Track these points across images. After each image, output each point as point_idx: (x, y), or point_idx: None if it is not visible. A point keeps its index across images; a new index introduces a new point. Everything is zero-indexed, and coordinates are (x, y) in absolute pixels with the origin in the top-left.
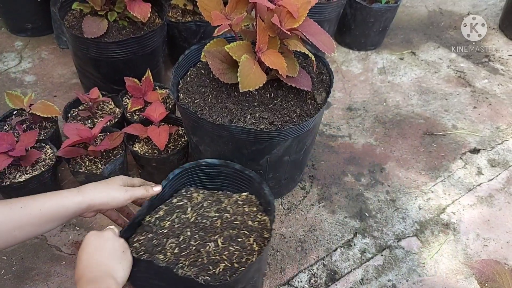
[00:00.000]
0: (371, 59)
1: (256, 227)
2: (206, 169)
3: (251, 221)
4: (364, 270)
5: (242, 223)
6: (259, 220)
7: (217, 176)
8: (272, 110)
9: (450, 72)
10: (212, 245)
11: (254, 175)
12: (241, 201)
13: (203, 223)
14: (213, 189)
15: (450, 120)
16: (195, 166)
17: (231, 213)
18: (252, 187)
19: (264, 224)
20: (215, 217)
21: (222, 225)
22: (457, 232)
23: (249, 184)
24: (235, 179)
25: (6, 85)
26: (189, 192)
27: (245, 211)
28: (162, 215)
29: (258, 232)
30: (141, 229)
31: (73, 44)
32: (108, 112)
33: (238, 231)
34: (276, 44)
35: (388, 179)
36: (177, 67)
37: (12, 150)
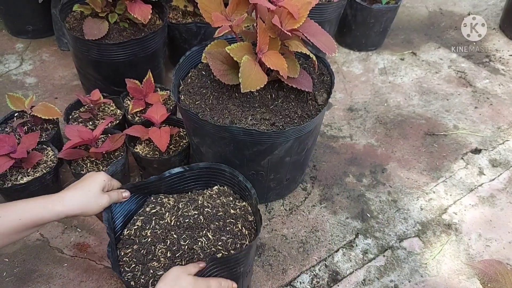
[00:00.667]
0: (372, 60)
1: (239, 213)
2: (169, 180)
3: (232, 209)
4: (366, 271)
5: (224, 213)
6: (239, 206)
7: (182, 183)
8: (273, 111)
9: (451, 72)
10: (203, 240)
11: (224, 166)
12: (215, 194)
13: (186, 223)
14: (181, 192)
15: (451, 121)
16: (158, 179)
17: (211, 207)
18: (223, 179)
19: (245, 209)
20: (196, 215)
21: (206, 220)
22: (459, 232)
23: (219, 177)
24: (202, 177)
25: (7, 87)
26: (159, 198)
27: (223, 202)
28: (140, 225)
29: (242, 217)
30: (122, 244)
31: (74, 46)
32: (109, 113)
33: (223, 221)
34: (277, 45)
35: (389, 180)
36: (178, 69)
37: (13, 152)
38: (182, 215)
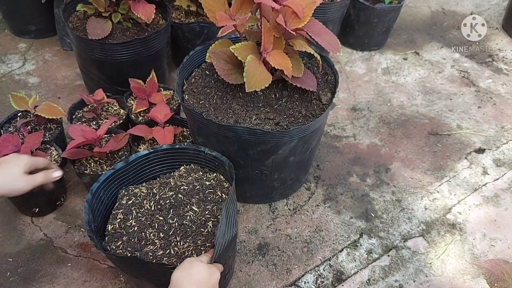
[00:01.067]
0: (374, 60)
1: (214, 183)
2: (137, 164)
3: (207, 181)
4: (371, 271)
5: (201, 186)
6: (212, 178)
7: (149, 167)
8: (277, 111)
9: (454, 72)
10: (190, 213)
11: (186, 145)
12: (184, 173)
13: (168, 204)
14: (148, 180)
15: (454, 120)
16: (126, 165)
17: (185, 184)
18: (187, 158)
19: (218, 179)
20: (173, 195)
21: (186, 196)
22: (464, 232)
23: (183, 157)
24: (168, 160)
25: (10, 87)
26: (130, 190)
27: (196, 178)
28: (122, 218)
29: (219, 186)
30: (110, 238)
31: (78, 45)
32: (113, 113)
33: (203, 193)
34: (281, 44)
35: (393, 180)
36: (182, 68)
37: (17, 152)
38: (161, 198)
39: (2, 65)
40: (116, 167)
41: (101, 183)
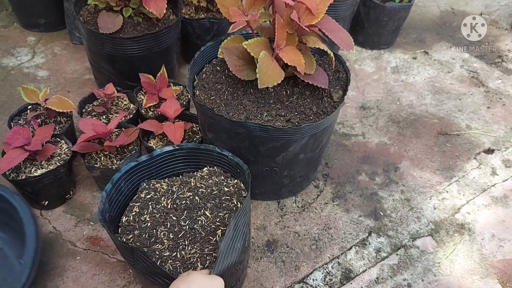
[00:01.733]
0: (384, 58)
1: (233, 190)
2: (160, 159)
3: (225, 187)
4: (379, 269)
5: (219, 191)
6: (231, 184)
7: (172, 163)
8: (288, 108)
9: (463, 72)
10: (202, 218)
11: (211, 147)
12: (206, 175)
13: (183, 204)
14: (170, 176)
15: (464, 120)
16: (149, 158)
17: (204, 187)
18: (211, 160)
19: (238, 186)
20: (191, 196)
21: (202, 199)
22: (472, 232)
23: (208, 158)
24: (191, 158)
25: (19, 80)
26: (151, 184)
27: (216, 181)
28: (138, 211)
29: (236, 193)
30: (122, 231)
31: (88, 39)
32: (123, 108)
33: (219, 199)
34: (294, 40)
35: (402, 179)
36: (193, 64)
37: (28, 145)
38: (178, 197)
39: (12, 58)
40: (140, 160)
41: (123, 173)
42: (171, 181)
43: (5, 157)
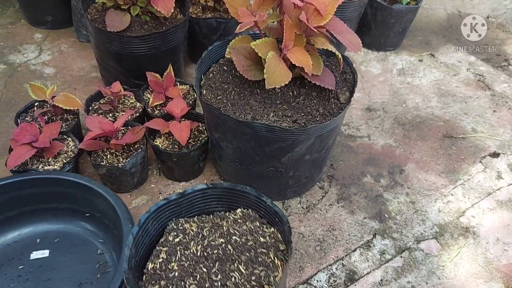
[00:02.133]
0: (390, 60)
1: (270, 241)
2: (191, 198)
3: (261, 237)
4: (384, 271)
5: (254, 242)
6: (268, 233)
7: (203, 201)
8: (295, 108)
9: (469, 75)
10: (236, 274)
11: (249, 189)
12: (240, 218)
13: (215, 254)
14: (200, 214)
15: (469, 123)
16: (180, 197)
17: (238, 234)
18: (247, 202)
19: (275, 236)
20: (223, 244)
21: (236, 250)
22: (477, 236)
23: (242, 199)
24: (225, 198)
25: (26, 76)
26: (179, 224)
27: (251, 228)
28: (165, 258)
29: (273, 246)
30: (148, 279)
31: (96, 37)
32: (129, 106)
33: (254, 252)
34: (302, 41)
35: (407, 181)
36: (200, 63)
37: (35, 141)
38: (209, 244)
39: (18, 54)
40: (170, 198)
41: (152, 213)
42: (201, 221)
43: (13, 153)
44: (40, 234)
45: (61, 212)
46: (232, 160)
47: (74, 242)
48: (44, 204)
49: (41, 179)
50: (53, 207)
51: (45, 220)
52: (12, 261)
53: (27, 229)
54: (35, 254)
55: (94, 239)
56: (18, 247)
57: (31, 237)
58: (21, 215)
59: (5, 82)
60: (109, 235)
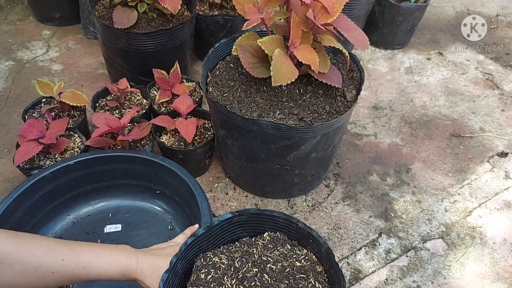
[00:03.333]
0: (397, 58)
1: (306, 264)
2: (218, 229)
3: (297, 261)
4: (389, 270)
5: (291, 268)
6: (302, 256)
7: (229, 230)
8: (301, 106)
9: (477, 74)
10: None
11: (277, 213)
12: (269, 243)
13: (252, 287)
14: (226, 243)
15: (477, 123)
16: (208, 231)
17: (272, 261)
18: (275, 225)
19: (310, 258)
20: (258, 273)
21: (273, 279)
22: (484, 236)
23: (270, 223)
24: (252, 224)
25: (34, 73)
26: (208, 259)
27: (284, 253)
28: None
29: (311, 270)
30: None
31: (103, 34)
32: (136, 103)
33: (293, 278)
34: (309, 39)
35: (414, 180)
36: (207, 60)
37: (42, 138)
38: (244, 277)
39: (26, 51)
40: (198, 234)
41: (182, 253)
42: (230, 251)
43: (20, 149)
44: (112, 209)
45: (132, 188)
46: (238, 158)
47: (144, 217)
48: (116, 180)
49: (116, 156)
50: (124, 183)
51: (117, 196)
52: (88, 234)
53: (99, 204)
54: (109, 228)
55: (165, 215)
56: (92, 221)
57: (103, 211)
58: (94, 190)
59: (13, 78)
60: (180, 212)
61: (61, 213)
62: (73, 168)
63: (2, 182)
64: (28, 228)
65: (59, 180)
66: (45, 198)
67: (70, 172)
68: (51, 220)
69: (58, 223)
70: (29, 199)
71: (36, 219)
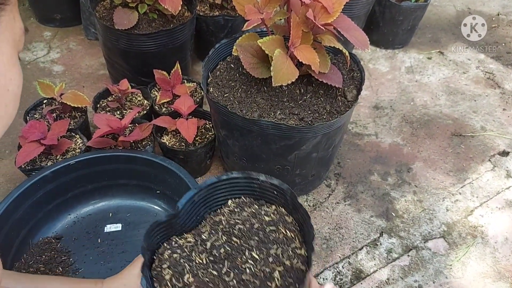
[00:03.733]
0: (398, 58)
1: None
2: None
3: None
4: (390, 270)
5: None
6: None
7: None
8: (302, 106)
9: (479, 73)
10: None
11: (235, 174)
12: (235, 207)
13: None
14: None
15: (478, 122)
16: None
17: (241, 222)
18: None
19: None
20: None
21: (243, 239)
22: (485, 235)
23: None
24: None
25: (35, 74)
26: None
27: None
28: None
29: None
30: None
31: (104, 35)
32: (137, 104)
33: (263, 232)
34: (309, 39)
35: (415, 179)
36: (207, 61)
37: (44, 139)
38: (213, 246)
39: (28, 52)
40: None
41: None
42: (196, 230)
43: (22, 150)
44: (112, 209)
45: (133, 188)
46: (239, 158)
47: (145, 217)
48: (117, 180)
49: (117, 156)
50: (125, 183)
51: (117, 195)
52: (88, 233)
53: (100, 203)
54: (109, 227)
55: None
56: (92, 220)
57: (104, 211)
58: (95, 190)
59: None
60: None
61: (62, 213)
62: (74, 167)
63: (4, 183)
64: (29, 227)
65: (60, 180)
66: (46, 198)
67: (71, 172)
68: (51, 219)
69: (58, 222)
70: (30, 198)
71: (36, 219)
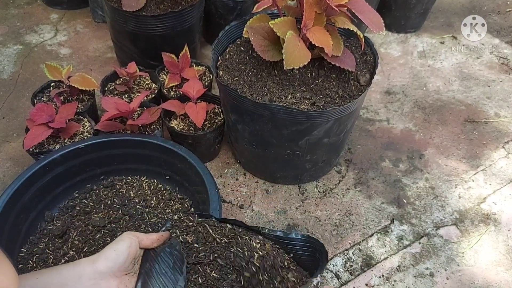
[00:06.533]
0: (410, 42)
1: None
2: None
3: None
4: (401, 257)
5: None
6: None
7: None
8: (313, 90)
9: (492, 58)
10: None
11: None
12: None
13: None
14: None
15: (492, 108)
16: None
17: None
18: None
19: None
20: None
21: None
22: (498, 223)
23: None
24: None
25: (42, 57)
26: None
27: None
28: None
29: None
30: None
31: (112, 17)
32: (145, 87)
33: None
34: (322, 21)
35: (427, 166)
36: (217, 43)
37: (52, 122)
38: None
39: (35, 35)
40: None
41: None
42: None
43: (30, 133)
44: None
45: (142, 173)
46: (248, 143)
47: None
48: (126, 164)
49: (127, 140)
50: (134, 168)
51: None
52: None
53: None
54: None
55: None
56: None
57: None
58: (103, 174)
59: (22, 62)
60: (189, 197)
61: (71, 196)
62: (84, 151)
63: (12, 166)
64: (38, 210)
65: (69, 163)
66: (54, 181)
67: (80, 155)
68: (60, 202)
69: None
70: (39, 181)
71: (46, 202)
